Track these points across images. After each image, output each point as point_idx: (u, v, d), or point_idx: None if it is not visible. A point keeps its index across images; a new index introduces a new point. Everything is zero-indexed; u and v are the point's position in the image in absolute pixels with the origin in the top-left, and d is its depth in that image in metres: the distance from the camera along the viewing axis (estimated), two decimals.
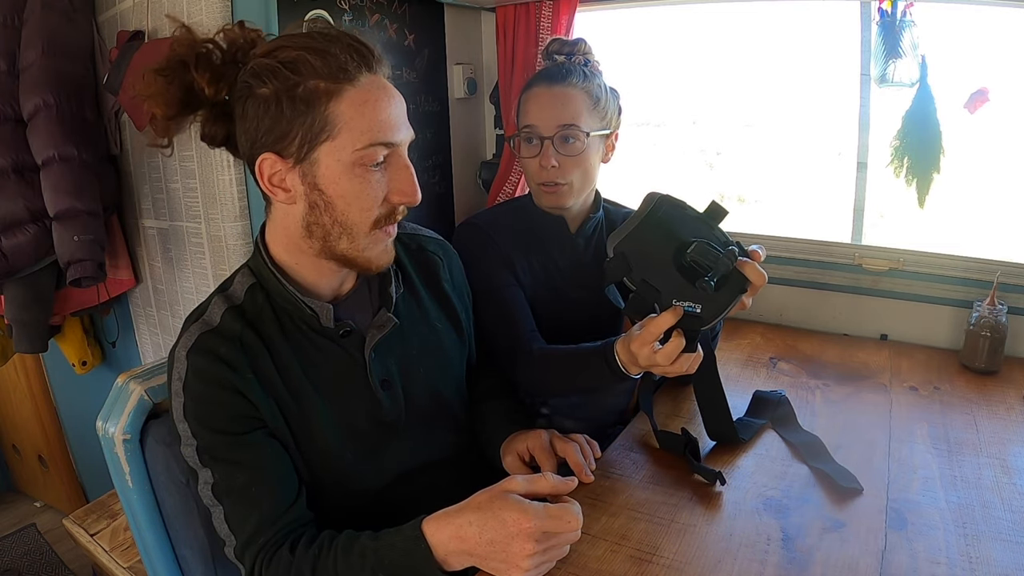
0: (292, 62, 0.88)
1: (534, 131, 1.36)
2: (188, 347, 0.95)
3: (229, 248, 1.66)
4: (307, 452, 1.00)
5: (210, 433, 0.93)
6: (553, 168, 1.34)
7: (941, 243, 1.76)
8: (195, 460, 0.94)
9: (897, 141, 1.69)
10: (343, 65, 0.89)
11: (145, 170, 1.84)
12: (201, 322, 0.98)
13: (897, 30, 1.61)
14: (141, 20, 1.68)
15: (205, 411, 0.93)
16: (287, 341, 1.00)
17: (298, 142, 0.90)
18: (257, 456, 0.94)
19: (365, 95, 0.91)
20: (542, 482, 0.88)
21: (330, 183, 0.92)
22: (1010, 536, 0.94)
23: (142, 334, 2.09)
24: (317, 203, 0.94)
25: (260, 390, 0.95)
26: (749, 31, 2.23)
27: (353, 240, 0.96)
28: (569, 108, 1.35)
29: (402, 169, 0.96)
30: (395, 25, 1.95)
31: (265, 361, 0.97)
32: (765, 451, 1.19)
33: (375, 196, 0.94)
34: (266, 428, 0.96)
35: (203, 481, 0.93)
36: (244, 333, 0.97)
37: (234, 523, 0.92)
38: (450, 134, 2.24)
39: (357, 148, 0.91)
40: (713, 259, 0.95)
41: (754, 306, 1.82)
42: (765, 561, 0.90)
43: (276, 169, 0.93)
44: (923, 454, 1.16)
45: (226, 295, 1.01)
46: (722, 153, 3.18)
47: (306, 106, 0.89)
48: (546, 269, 1.46)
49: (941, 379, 1.46)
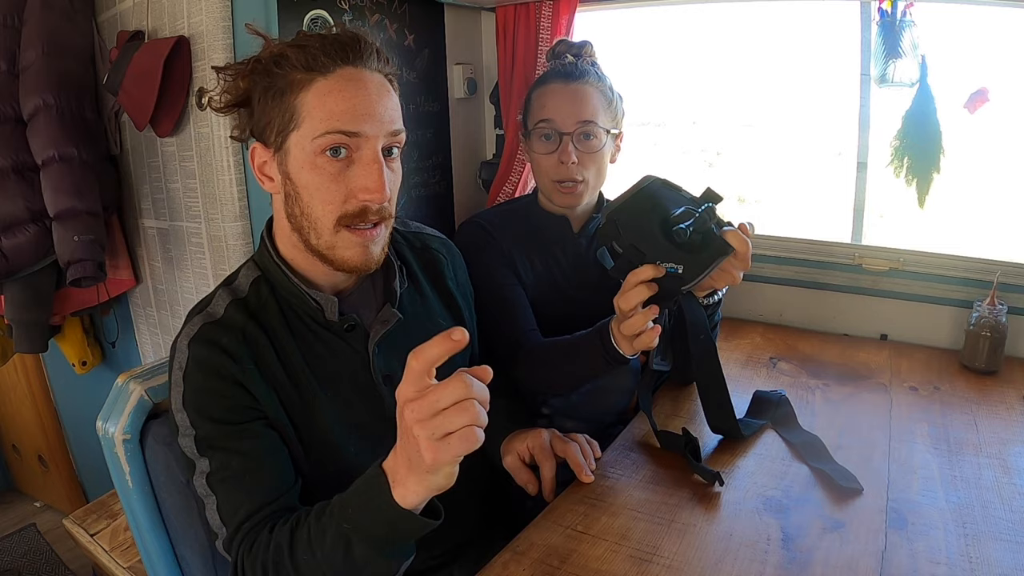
0: (277, 57, 0.93)
1: (552, 126, 1.37)
2: (190, 337, 0.96)
3: (229, 248, 1.66)
4: (309, 445, 1.00)
5: (208, 423, 0.93)
6: (573, 164, 1.36)
7: (941, 243, 1.76)
8: (192, 450, 0.93)
9: (897, 141, 1.69)
10: (317, 57, 0.92)
11: (145, 170, 1.84)
12: (204, 314, 0.98)
13: (897, 30, 1.61)
14: (141, 20, 1.68)
15: (204, 400, 0.93)
16: (291, 334, 1.00)
17: (275, 131, 0.94)
18: (254, 446, 0.94)
19: (332, 85, 0.92)
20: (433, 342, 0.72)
21: (296, 173, 0.95)
22: (1010, 536, 0.93)
23: (142, 334, 2.08)
24: (290, 193, 0.96)
25: (261, 382, 0.96)
26: (749, 31, 2.23)
27: (320, 236, 0.96)
28: (588, 105, 1.37)
29: (368, 164, 0.94)
30: (395, 25, 1.95)
31: (268, 353, 0.97)
32: (765, 451, 1.18)
33: (336, 190, 0.94)
34: (265, 419, 0.96)
35: (199, 471, 0.93)
36: (247, 325, 0.98)
37: (225, 513, 0.92)
38: (450, 134, 2.24)
39: (315, 136, 0.92)
40: (693, 217, 1.03)
41: (754, 306, 1.87)
42: (765, 561, 0.90)
43: (263, 159, 0.98)
44: (923, 454, 1.15)
45: (231, 288, 1.02)
46: (722, 153, 3.19)
47: (282, 96, 0.93)
48: (548, 269, 1.47)
49: (941, 379, 1.45)
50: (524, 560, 0.93)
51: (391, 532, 0.78)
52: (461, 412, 0.69)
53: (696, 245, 1.04)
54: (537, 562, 0.92)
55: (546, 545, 0.95)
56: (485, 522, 1.22)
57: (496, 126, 2.35)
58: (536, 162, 1.43)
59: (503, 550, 0.95)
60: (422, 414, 0.70)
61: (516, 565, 0.92)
